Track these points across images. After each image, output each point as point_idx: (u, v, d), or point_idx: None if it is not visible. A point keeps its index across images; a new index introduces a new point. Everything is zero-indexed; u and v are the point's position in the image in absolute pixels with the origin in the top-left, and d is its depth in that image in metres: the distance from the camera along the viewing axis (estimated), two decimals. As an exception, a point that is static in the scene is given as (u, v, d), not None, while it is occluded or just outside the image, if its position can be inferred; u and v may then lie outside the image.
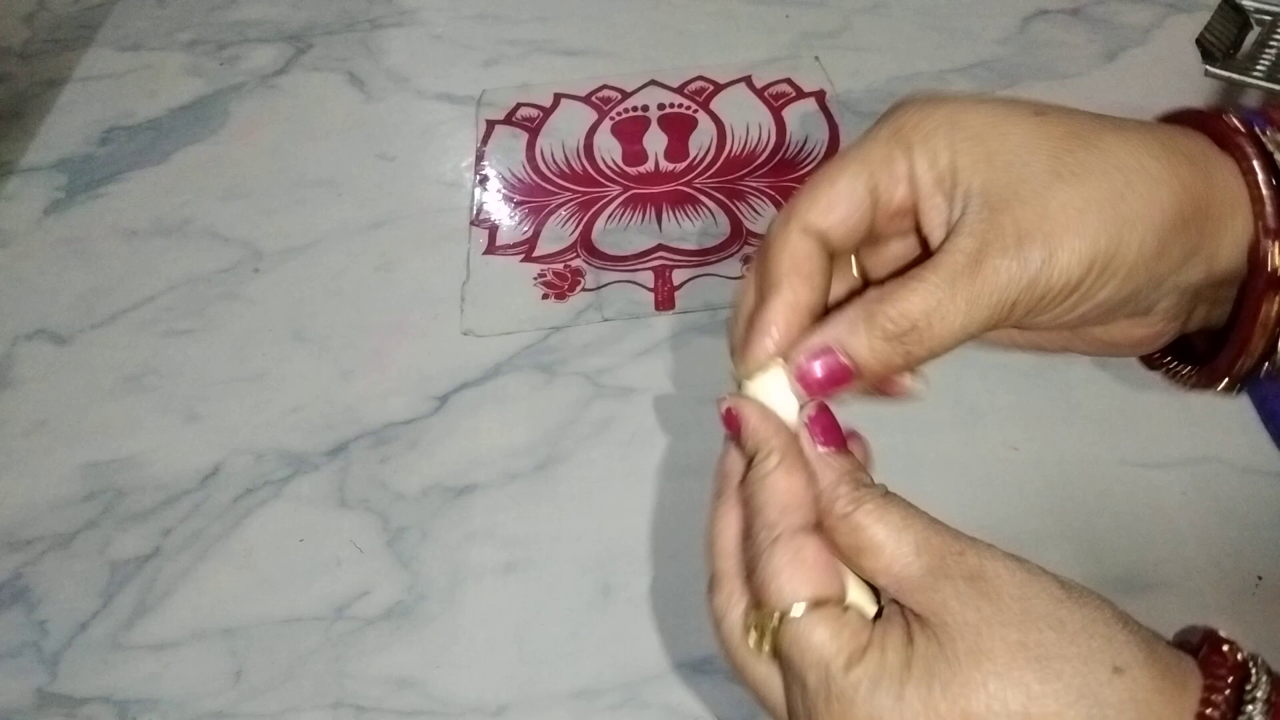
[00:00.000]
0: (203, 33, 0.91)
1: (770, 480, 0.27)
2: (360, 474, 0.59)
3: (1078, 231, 0.24)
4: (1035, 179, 0.25)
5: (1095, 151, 0.25)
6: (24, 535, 0.58)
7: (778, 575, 0.25)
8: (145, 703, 0.52)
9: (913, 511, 0.26)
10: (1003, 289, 0.25)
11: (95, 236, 0.74)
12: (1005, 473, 0.56)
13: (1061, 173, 0.25)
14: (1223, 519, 0.53)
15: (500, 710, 0.50)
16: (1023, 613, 0.23)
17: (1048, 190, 0.25)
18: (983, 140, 0.26)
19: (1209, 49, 0.67)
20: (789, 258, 0.27)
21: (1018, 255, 0.24)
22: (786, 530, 0.26)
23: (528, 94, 0.82)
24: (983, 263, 0.25)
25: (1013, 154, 0.25)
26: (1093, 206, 0.24)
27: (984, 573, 0.24)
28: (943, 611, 0.24)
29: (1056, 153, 0.25)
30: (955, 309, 0.25)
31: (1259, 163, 0.26)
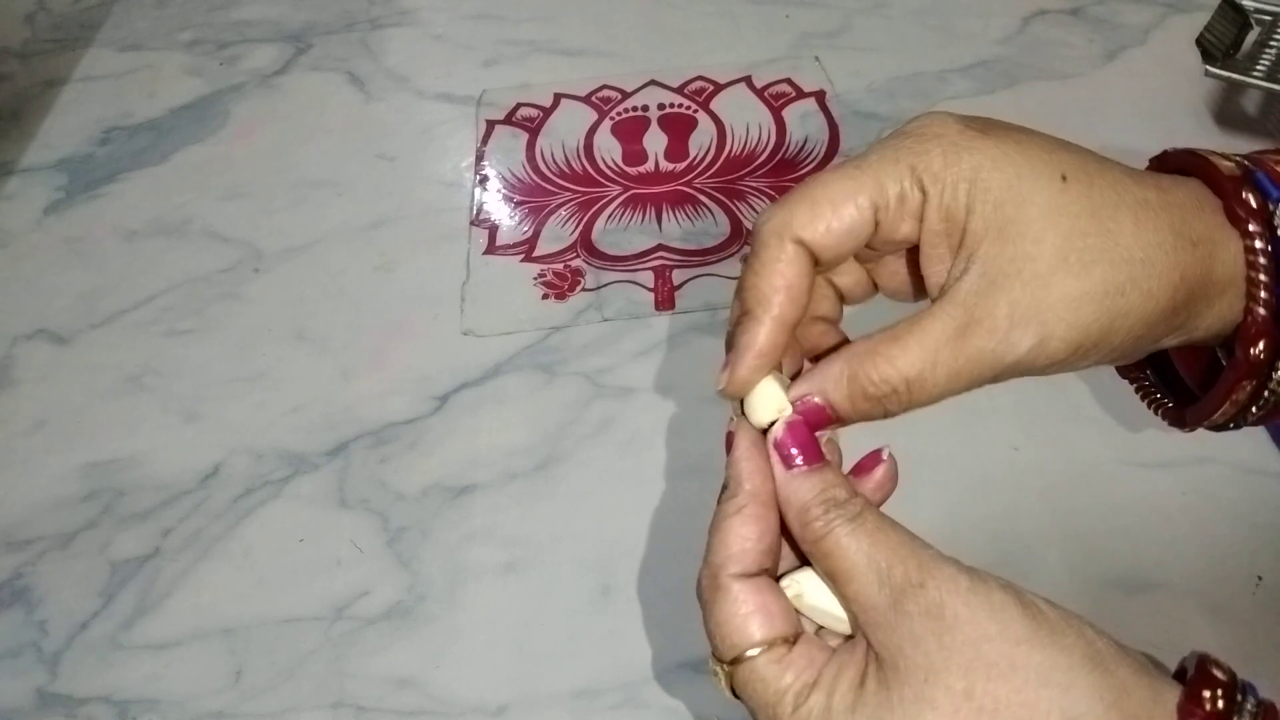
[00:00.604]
0: (203, 33, 0.91)
1: (725, 525, 0.27)
2: (360, 474, 0.59)
3: (1071, 322, 0.25)
4: (1041, 260, 0.25)
5: (1108, 238, 0.25)
6: (24, 535, 0.58)
7: (721, 626, 0.26)
8: (145, 703, 0.52)
9: (881, 535, 0.26)
10: (985, 367, 0.25)
11: (95, 236, 0.74)
12: (1005, 473, 0.56)
13: (1069, 259, 0.25)
14: (1223, 519, 0.53)
15: (500, 710, 0.50)
16: (973, 658, 0.23)
17: (1051, 276, 0.25)
18: (1000, 206, 0.25)
19: (1209, 49, 0.67)
20: (779, 274, 0.27)
21: (1005, 339, 0.25)
22: (726, 580, 0.26)
23: (528, 94, 0.82)
24: (968, 340, 0.25)
25: (1026, 227, 0.25)
26: (1092, 299, 0.25)
27: (942, 610, 0.23)
28: (896, 654, 0.24)
29: (1070, 235, 0.25)
30: (935, 380, 0.26)
31: (1262, 248, 0.26)
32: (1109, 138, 0.73)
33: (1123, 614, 0.50)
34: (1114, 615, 0.50)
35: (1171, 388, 0.32)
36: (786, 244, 0.27)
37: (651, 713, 0.49)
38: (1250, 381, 0.26)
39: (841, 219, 0.26)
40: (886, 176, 0.26)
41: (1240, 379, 0.26)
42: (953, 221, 0.26)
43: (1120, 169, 0.27)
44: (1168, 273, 0.25)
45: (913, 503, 0.54)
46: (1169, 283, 0.25)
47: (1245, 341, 0.26)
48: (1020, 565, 0.52)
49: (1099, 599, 0.51)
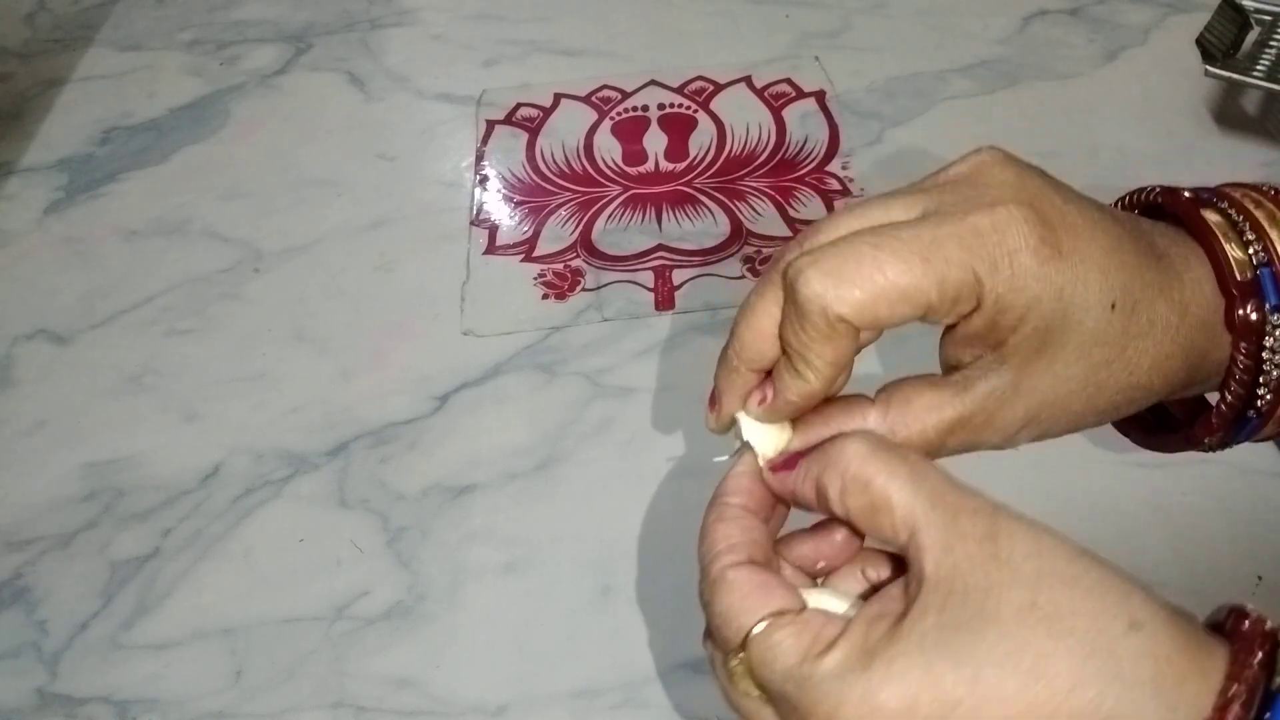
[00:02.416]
0: (203, 33, 0.91)
1: (709, 529, 0.28)
2: (360, 474, 0.59)
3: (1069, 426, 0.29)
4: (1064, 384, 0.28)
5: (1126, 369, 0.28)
6: (24, 535, 0.58)
7: (724, 614, 0.25)
8: (145, 703, 0.52)
9: (926, 465, 0.25)
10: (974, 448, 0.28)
11: (95, 236, 0.74)
12: (1005, 473, 0.56)
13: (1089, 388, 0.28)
14: (1223, 519, 0.53)
15: (500, 710, 0.50)
16: (1035, 572, 0.23)
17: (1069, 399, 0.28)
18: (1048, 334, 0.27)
19: (1209, 49, 0.67)
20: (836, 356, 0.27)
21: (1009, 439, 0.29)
22: (718, 572, 0.26)
23: (528, 94, 0.82)
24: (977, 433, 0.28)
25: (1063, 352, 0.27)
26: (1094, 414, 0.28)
27: (997, 533, 0.23)
28: (952, 576, 0.23)
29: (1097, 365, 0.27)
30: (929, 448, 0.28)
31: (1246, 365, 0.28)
32: (1109, 138, 0.73)
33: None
34: (1114, 615, 0.50)
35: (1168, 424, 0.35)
36: (835, 323, 0.26)
37: (651, 713, 0.49)
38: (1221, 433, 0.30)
39: (895, 315, 0.25)
40: (949, 278, 0.25)
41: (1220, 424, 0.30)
42: (995, 331, 0.26)
43: (1156, 277, 0.28)
44: (1162, 391, 0.28)
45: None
46: (1158, 397, 0.29)
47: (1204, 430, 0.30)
48: (1020, 565, 0.52)
49: (1099, 599, 0.51)
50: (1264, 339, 0.28)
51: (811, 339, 0.26)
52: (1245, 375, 0.28)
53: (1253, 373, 0.28)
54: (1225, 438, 0.30)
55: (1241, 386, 0.28)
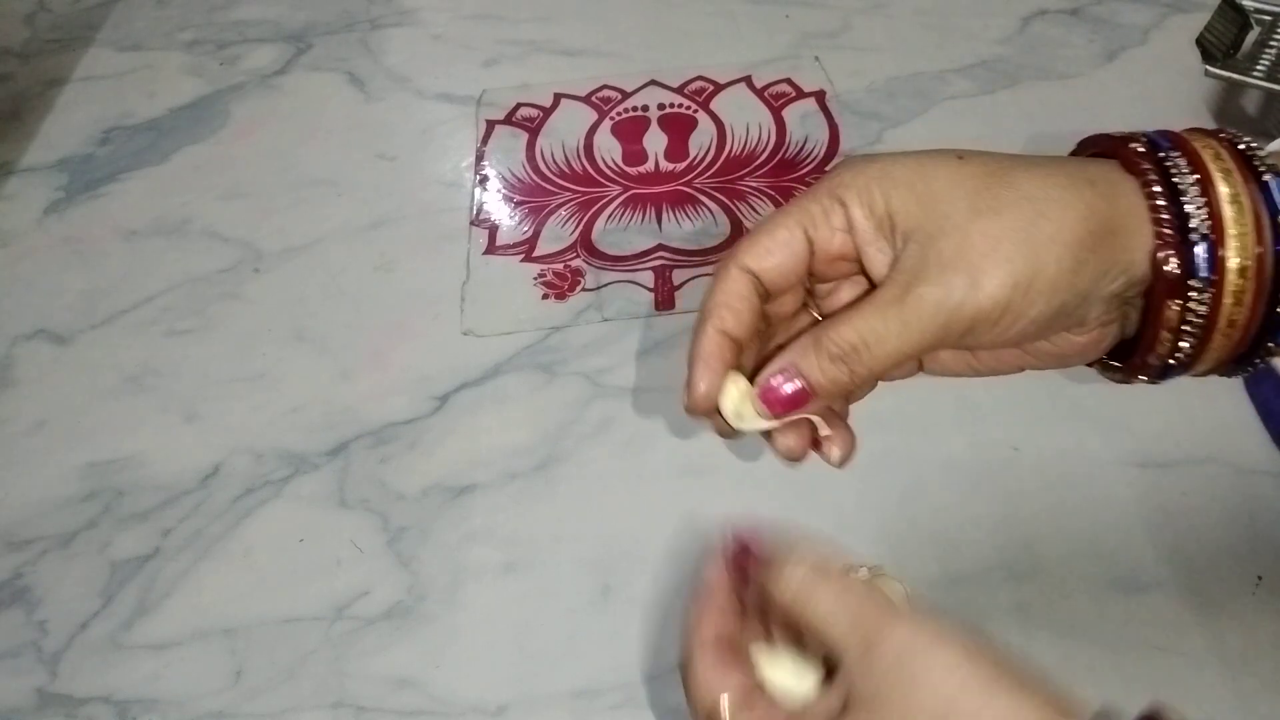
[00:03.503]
0: (203, 33, 0.91)
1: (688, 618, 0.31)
2: (360, 474, 0.59)
3: (997, 258, 0.28)
4: (957, 215, 0.28)
5: (1009, 187, 0.29)
6: (24, 535, 0.58)
7: (692, 689, 0.30)
8: (145, 703, 0.52)
9: (847, 584, 0.29)
10: (931, 313, 0.28)
11: (95, 236, 0.74)
12: (1005, 473, 0.56)
13: (980, 208, 0.28)
14: (1223, 519, 0.53)
15: (500, 710, 0.50)
16: (938, 703, 0.25)
17: (969, 224, 0.28)
18: (911, 186, 0.29)
19: (1209, 49, 0.67)
20: (721, 292, 0.31)
21: (940, 282, 0.28)
22: (687, 649, 0.30)
23: (528, 94, 0.82)
24: (911, 291, 0.28)
25: (938, 195, 0.29)
26: (1008, 234, 0.28)
27: (905, 656, 0.26)
28: (870, 693, 0.26)
29: (976, 190, 0.29)
30: (889, 331, 0.28)
31: (1159, 183, 0.28)
32: (1109, 138, 0.73)
33: (1123, 614, 0.50)
34: (1114, 615, 0.50)
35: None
36: (731, 269, 0.31)
37: (651, 713, 0.49)
38: (1175, 301, 0.28)
39: (775, 239, 0.31)
40: (808, 202, 0.31)
41: (1163, 299, 0.28)
42: (878, 215, 0.30)
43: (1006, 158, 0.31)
44: (1073, 203, 0.28)
45: (914, 504, 0.55)
46: (1076, 213, 0.28)
47: (1158, 262, 0.28)
48: (1020, 565, 0.52)
49: (1099, 599, 0.51)
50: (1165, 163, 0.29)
51: (711, 287, 0.32)
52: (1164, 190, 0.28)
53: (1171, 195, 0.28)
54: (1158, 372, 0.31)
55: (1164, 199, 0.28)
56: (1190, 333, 0.29)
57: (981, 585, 0.52)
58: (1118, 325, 0.31)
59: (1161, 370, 0.31)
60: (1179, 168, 0.28)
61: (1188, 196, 0.28)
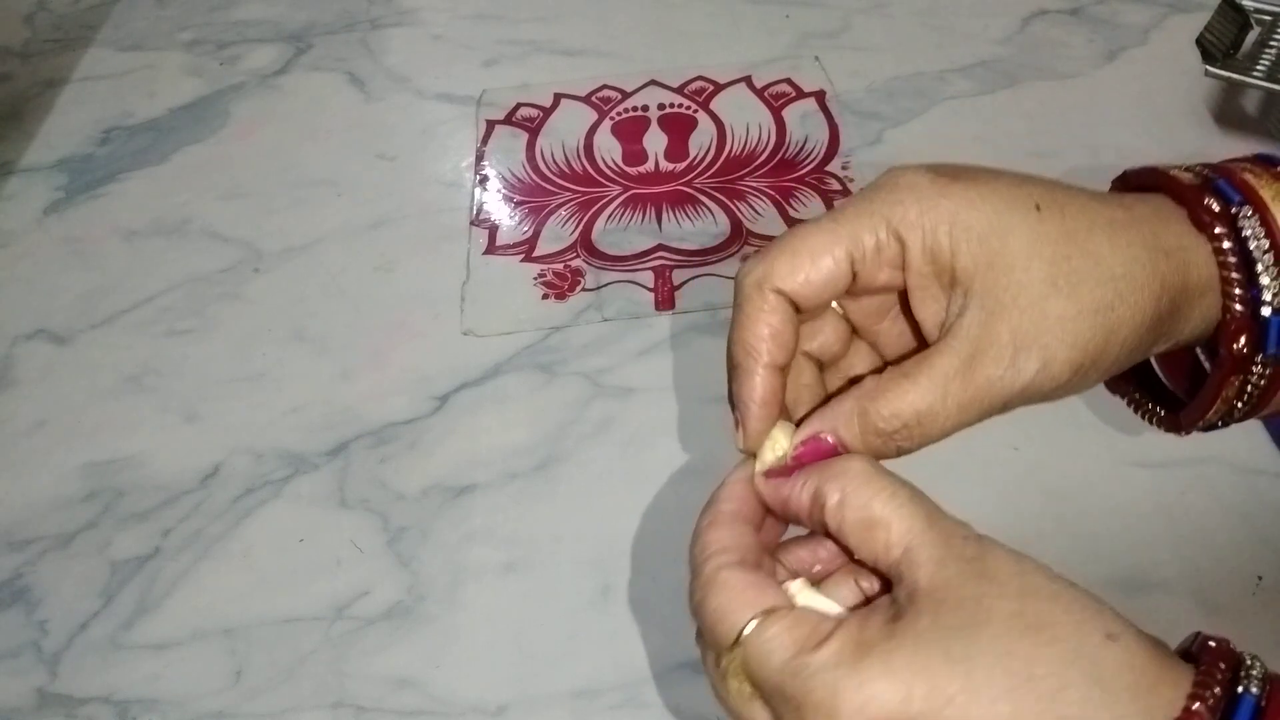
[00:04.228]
0: (203, 33, 0.91)
1: (699, 535, 0.28)
2: (360, 474, 0.59)
3: (1070, 342, 0.26)
4: (1033, 287, 0.26)
5: (1089, 259, 0.26)
6: (24, 535, 0.58)
7: (717, 612, 0.26)
8: (145, 703, 0.52)
9: (921, 494, 0.27)
10: (994, 396, 0.26)
11: (95, 236, 0.74)
12: (1005, 473, 0.56)
13: (1059, 283, 0.26)
14: (1223, 519, 0.53)
15: (500, 710, 0.50)
16: (1020, 588, 0.24)
17: (1045, 301, 0.26)
18: (985, 241, 0.26)
19: (1209, 49, 0.67)
20: (765, 324, 0.28)
21: (1012, 365, 0.26)
22: (711, 572, 0.27)
23: (528, 94, 0.82)
24: (976, 370, 0.26)
25: (1013, 259, 0.26)
26: (1085, 316, 0.26)
27: (985, 555, 0.25)
28: (944, 587, 0.24)
29: (1054, 259, 0.26)
30: (946, 412, 0.27)
31: (1234, 252, 0.27)
32: (1109, 138, 0.73)
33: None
34: (1114, 615, 0.50)
35: (1156, 396, 0.33)
36: (768, 295, 0.28)
37: (651, 713, 0.49)
38: (1236, 377, 0.28)
39: (819, 270, 0.28)
40: (862, 229, 0.27)
41: (1227, 375, 0.28)
42: (940, 264, 0.27)
43: (1086, 193, 0.28)
44: (1149, 283, 0.27)
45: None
46: (1151, 293, 0.27)
47: (1228, 338, 0.27)
48: (1020, 565, 0.52)
49: (1099, 599, 0.51)
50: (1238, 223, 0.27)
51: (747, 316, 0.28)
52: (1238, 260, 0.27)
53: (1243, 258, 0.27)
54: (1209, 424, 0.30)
55: (1238, 272, 0.27)
56: (1248, 398, 0.28)
57: (981, 585, 0.52)
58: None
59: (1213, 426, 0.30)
60: (1254, 231, 0.27)
61: (1263, 265, 0.27)
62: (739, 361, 0.29)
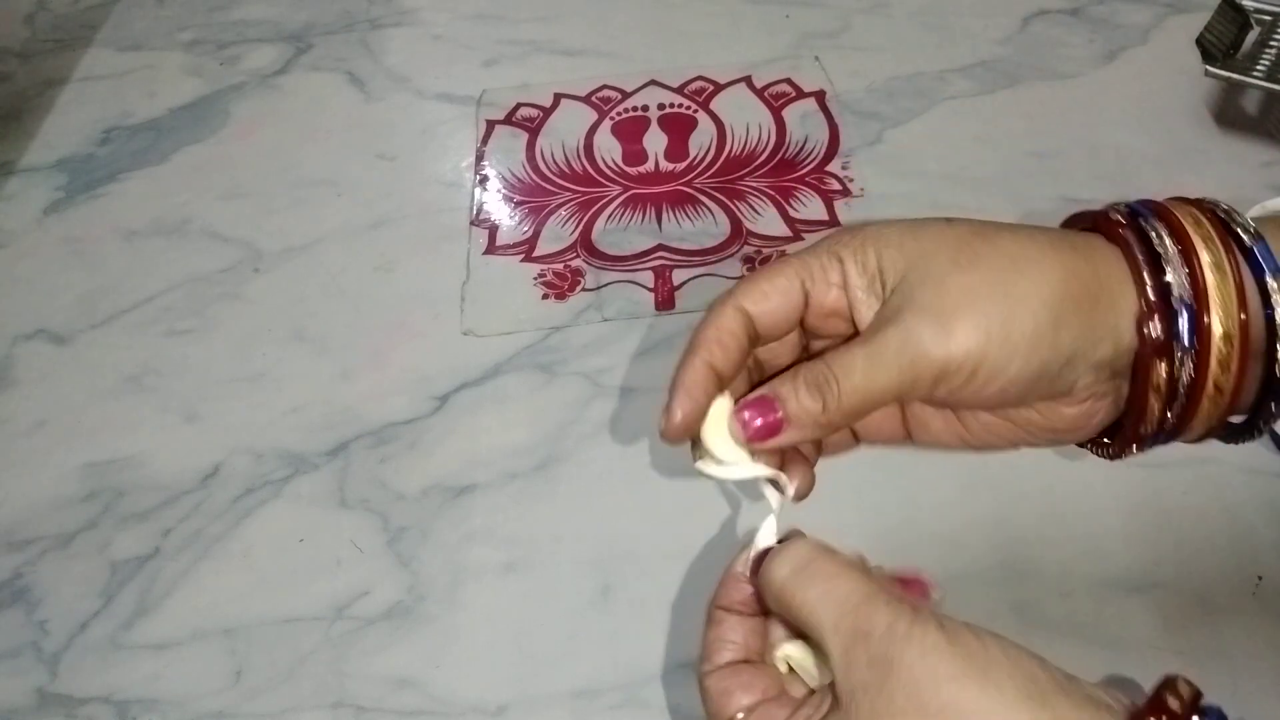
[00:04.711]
0: (203, 33, 0.91)
1: (704, 634, 0.32)
2: (360, 474, 0.59)
3: (970, 309, 0.28)
4: (938, 268, 0.29)
5: (989, 244, 0.29)
6: (24, 535, 0.58)
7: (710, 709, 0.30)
8: (145, 703, 0.52)
9: (838, 583, 0.28)
10: (895, 351, 0.29)
11: (95, 236, 0.74)
12: (1005, 473, 0.56)
13: (960, 261, 0.29)
14: (1223, 519, 0.53)
15: (500, 710, 0.50)
16: (910, 701, 0.25)
17: (946, 276, 0.29)
18: (901, 244, 0.30)
19: (1209, 49, 0.67)
20: (714, 327, 0.32)
21: (908, 326, 0.29)
22: (699, 678, 0.31)
23: (528, 94, 0.82)
24: (880, 330, 0.29)
25: (923, 251, 0.30)
26: (983, 288, 0.28)
27: (882, 658, 0.26)
28: (849, 698, 0.26)
29: (958, 246, 0.30)
30: (855, 366, 0.29)
31: (1139, 248, 0.29)
32: (1109, 138, 0.73)
33: (1123, 614, 0.50)
34: (1114, 615, 0.50)
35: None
36: (727, 306, 0.32)
37: (651, 713, 0.49)
38: (1162, 361, 0.28)
39: (774, 285, 0.32)
40: (809, 256, 0.32)
41: (1149, 361, 0.28)
42: (869, 272, 0.31)
43: (1007, 227, 0.31)
44: (1051, 264, 0.29)
45: (913, 504, 0.54)
46: (1055, 274, 0.29)
47: (1141, 325, 0.28)
48: (1020, 565, 0.52)
49: (1099, 599, 0.51)
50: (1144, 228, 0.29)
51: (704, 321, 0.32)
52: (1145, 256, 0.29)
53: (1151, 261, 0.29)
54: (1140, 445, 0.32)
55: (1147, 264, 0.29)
56: (1178, 399, 0.29)
57: (981, 585, 0.52)
58: (1110, 402, 0.31)
59: (1151, 439, 0.31)
60: (1159, 234, 0.29)
61: (1170, 264, 0.28)
62: (685, 352, 0.32)
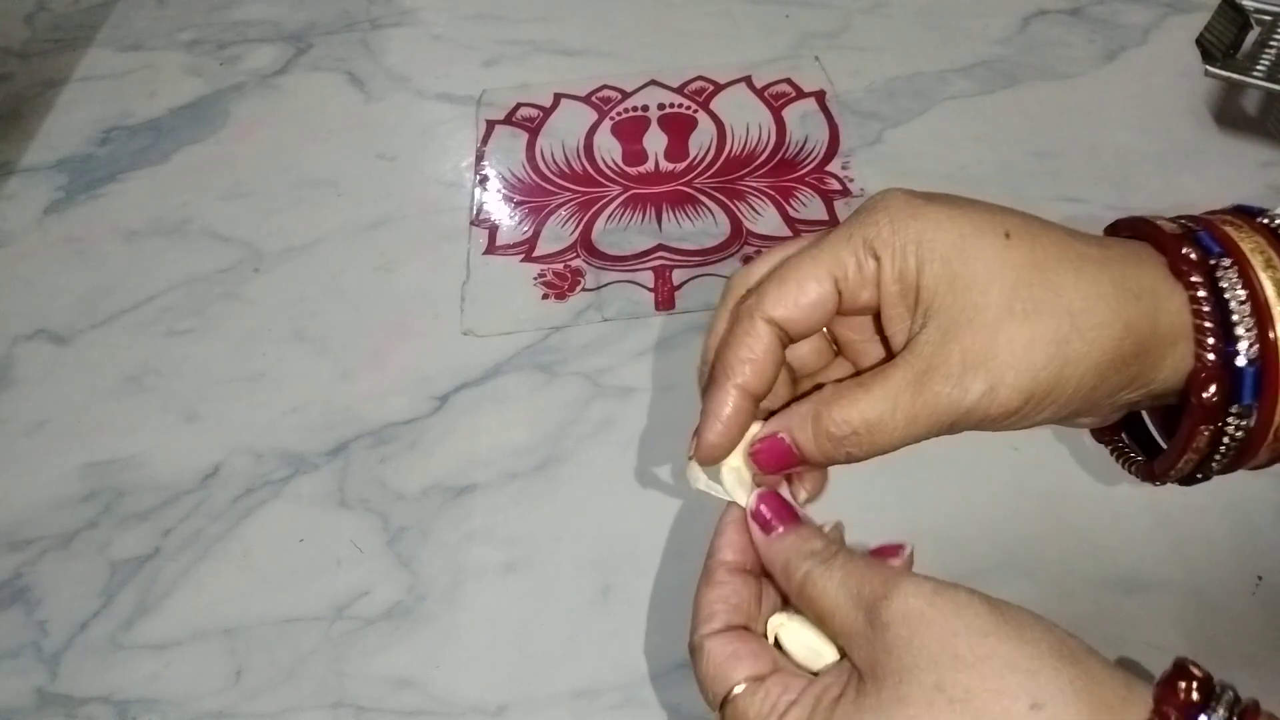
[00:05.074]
0: (203, 33, 0.91)
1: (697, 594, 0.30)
2: (360, 474, 0.59)
3: (1021, 369, 0.26)
4: (990, 310, 0.26)
5: (1050, 290, 0.27)
6: (24, 535, 0.58)
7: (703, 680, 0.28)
8: (145, 703, 0.52)
9: (850, 564, 0.27)
10: (941, 412, 0.27)
11: (95, 236, 0.74)
12: (1005, 473, 0.56)
13: (1015, 309, 0.26)
14: (1223, 519, 0.53)
15: (500, 710, 0.50)
16: (940, 654, 0.24)
17: (999, 325, 0.26)
18: (948, 263, 0.27)
19: (1209, 49, 0.67)
20: (746, 348, 0.29)
21: (959, 384, 0.26)
22: (698, 640, 0.29)
23: (528, 94, 0.82)
24: (925, 386, 0.27)
25: (973, 280, 0.27)
26: (1039, 346, 0.26)
27: (909, 615, 0.25)
28: (874, 664, 0.25)
29: (1015, 286, 0.27)
30: (894, 424, 0.27)
31: (1208, 301, 0.27)
32: (1109, 138, 0.73)
33: (1123, 614, 0.50)
34: (1114, 615, 0.50)
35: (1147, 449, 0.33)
36: (757, 321, 0.29)
37: (651, 713, 0.49)
38: (1208, 427, 0.27)
39: (807, 294, 0.29)
40: (843, 250, 0.28)
41: (1197, 424, 0.27)
42: (906, 283, 0.28)
43: (1063, 229, 0.29)
44: (1111, 321, 0.27)
45: (913, 504, 0.54)
46: (1113, 332, 0.27)
47: (1197, 386, 0.27)
48: (1020, 565, 0.52)
49: (1099, 599, 0.51)
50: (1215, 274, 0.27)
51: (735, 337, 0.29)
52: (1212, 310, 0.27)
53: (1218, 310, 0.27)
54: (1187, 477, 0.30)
55: (1211, 321, 0.27)
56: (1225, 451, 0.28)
57: (981, 585, 0.52)
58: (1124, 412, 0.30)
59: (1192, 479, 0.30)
60: (1231, 283, 0.27)
61: (1238, 315, 0.26)
62: (715, 375, 0.30)
